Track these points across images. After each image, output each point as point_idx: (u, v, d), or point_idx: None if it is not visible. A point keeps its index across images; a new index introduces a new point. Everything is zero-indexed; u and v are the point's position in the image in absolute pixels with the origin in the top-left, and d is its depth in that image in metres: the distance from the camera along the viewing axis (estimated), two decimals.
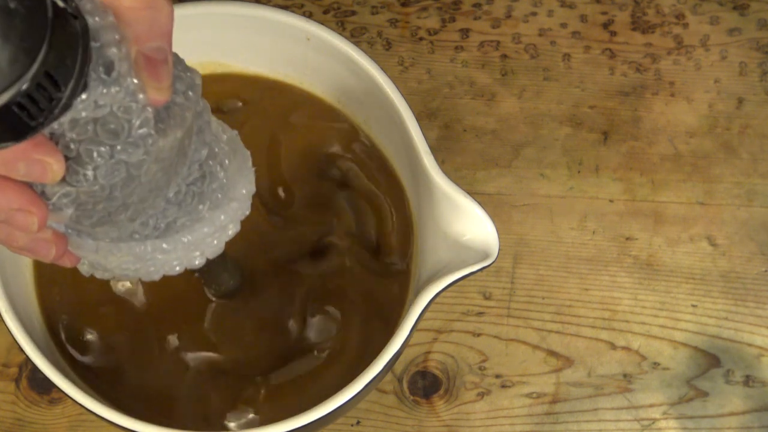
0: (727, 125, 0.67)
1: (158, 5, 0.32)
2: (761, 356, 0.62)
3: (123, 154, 0.32)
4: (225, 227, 0.40)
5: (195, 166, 0.37)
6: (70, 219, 0.34)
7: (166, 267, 0.40)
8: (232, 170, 0.39)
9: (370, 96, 0.53)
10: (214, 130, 0.38)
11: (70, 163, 0.32)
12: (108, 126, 0.31)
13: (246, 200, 0.41)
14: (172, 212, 0.37)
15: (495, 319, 0.62)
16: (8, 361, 0.60)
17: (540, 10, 0.69)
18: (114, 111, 0.31)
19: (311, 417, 0.46)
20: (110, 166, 0.32)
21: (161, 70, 0.32)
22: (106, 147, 0.32)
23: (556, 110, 0.67)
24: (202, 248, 0.40)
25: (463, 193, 0.49)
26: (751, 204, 0.65)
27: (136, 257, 0.39)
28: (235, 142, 0.40)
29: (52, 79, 0.28)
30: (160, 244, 0.39)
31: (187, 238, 0.39)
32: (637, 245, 0.64)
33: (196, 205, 0.38)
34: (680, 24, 0.69)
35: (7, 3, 0.27)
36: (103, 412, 0.46)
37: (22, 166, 0.31)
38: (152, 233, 0.38)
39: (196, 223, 0.39)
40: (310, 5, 0.68)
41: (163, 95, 0.32)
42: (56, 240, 0.37)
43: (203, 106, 0.36)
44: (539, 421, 0.60)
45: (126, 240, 0.38)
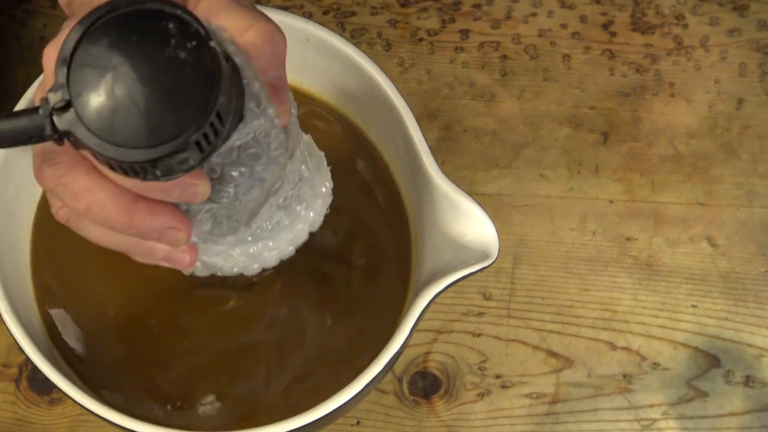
0: (727, 126, 0.67)
1: (276, 38, 0.36)
2: (761, 356, 0.62)
3: (262, 173, 0.36)
4: (314, 222, 0.45)
5: (296, 173, 0.41)
6: (207, 231, 0.38)
7: (268, 262, 0.45)
8: (313, 170, 0.44)
9: (370, 96, 0.53)
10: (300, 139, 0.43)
11: (214, 183, 0.35)
12: (250, 150, 0.35)
13: (328, 196, 0.46)
14: (278, 215, 0.42)
15: (495, 319, 0.62)
16: (8, 361, 0.60)
17: (540, 11, 0.69)
18: (256, 137, 0.34)
19: (311, 417, 0.46)
20: (249, 184, 0.36)
21: (283, 95, 0.36)
22: (247, 167, 0.35)
23: (556, 111, 0.67)
24: (296, 242, 0.45)
25: (463, 193, 0.49)
26: (751, 204, 0.65)
27: (248, 256, 0.44)
28: (310, 146, 0.44)
29: (219, 116, 0.32)
30: (268, 243, 0.44)
31: (290, 236, 0.44)
32: (637, 246, 0.64)
33: (296, 206, 0.43)
34: (680, 25, 0.69)
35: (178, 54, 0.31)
36: (103, 412, 0.46)
37: (178, 191, 0.34)
38: (262, 234, 0.43)
39: (294, 222, 0.44)
40: (310, 6, 0.68)
41: (287, 117, 0.36)
42: (190, 249, 0.40)
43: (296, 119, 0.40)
44: (539, 421, 0.60)
45: (242, 243, 0.43)
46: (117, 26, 0.31)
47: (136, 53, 0.31)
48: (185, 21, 0.31)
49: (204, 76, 0.31)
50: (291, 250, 0.46)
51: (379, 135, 0.56)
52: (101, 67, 0.31)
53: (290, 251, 0.46)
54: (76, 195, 0.34)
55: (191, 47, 0.31)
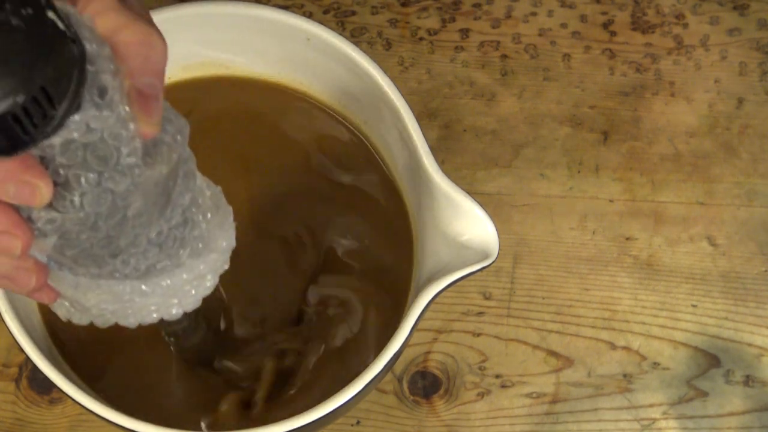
0: (727, 125, 0.67)
1: (152, 42, 0.33)
2: (761, 356, 0.62)
3: (110, 182, 0.33)
4: (203, 276, 0.40)
5: (178, 210, 0.38)
6: (53, 248, 0.34)
7: (144, 312, 0.40)
8: (214, 223, 0.40)
9: (370, 96, 0.53)
10: (199, 183, 0.39)
11: (58, 189, 0.32)
12: (98, 152, 0.32)
13: (225, 253, 0.41)
14: (152, 254, 0.38)
15: (495, 319, 0.62)
16: (8, 361, 0.60)
17: (540, 10, 0.69)
18: (104, 137, 0.32)
19: (311, 417, 0.46)
20: (97, 194, 0.33)
21: (152, 104, 0.33)
22: (94, 173, 0.32)
23: (556, 110, 0.67)
24: (179, 296, 0.40)
25: (463, 193, 0.49)
26: (751, 204, 0.65)
27: (114, 297, 0.39)
28: (218, 198, 0.41)
29: (47, 95, 0.29)
30: (139, 286, 0.39)
31: (167, 282, 0.39)
32: (637, 245, 0.64)
33: (177, 249, 0.38)
34: (680, 24, 0.69)
35: (10, 19, 0.28)
36: (103, 412, 0.46)
37: (12, 187, 0.31)
38: (132, 273, 0.38)
39: (175, 269, 0.39)
40: (310, 5, 0.68)
41: (152, 129, 0.33)
42: (37, 270, 0.36)
43: (189, 154, 0.37)
44: (539, 421, 0.60)
45: (106, 277, 0.38)
46: None
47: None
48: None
49: (33, 46, 0.28)
50: (174, 303, 0.41)
51: (379, 135, 0.56)
52: None
53: (173, 306, 0.41)
54: None
55: (26, 14, 0.29)
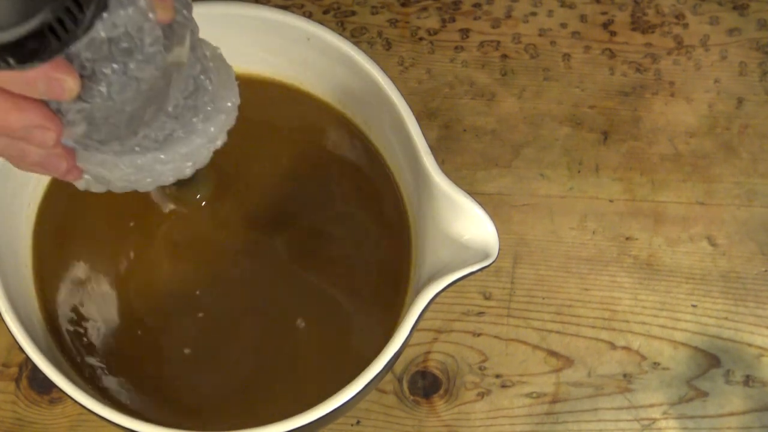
0: (727, 125, 0.67)
1: None
2: (761, 356, 0.62)
3: (135, 71, 0.34)
4: (215, 138, 0.42)
5: (190, 80, 0.39)
6: (81, 134, 0.36)
7: (162, 177, 0.42)
8: (218, 84, 0.41)
9: (370, 96, 0.53)
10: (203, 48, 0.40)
11: (84, 81, 0.34)
12: (122, 45, 0.33)
13: (232, 112, 0.43)
14: (170, 125, 0.40)
15: (495, 319, 0.62)
16: (8, 361, 0.60)
17: (540, 10, 0.69)
18: (128, 30, 0.33)
19: (311, 417, 0.46)
20: (123, 82, 0.34)
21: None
22: (119, 64, 0.34)
23: (556, 110, 0.67)
24: (194, 158, 0.43)
25: (463, 193, 0.49)
26: (751, 204, 0.65)
27: (136, 169, 0.41)
28: (218, 59, 0.42)
29: (77, 1, 0.30)
30: (159, 156, 0.41)
31: (185, 149, 0.41)
32: (637, 245, 0.64)
33: (191, 117, 0.40)
34: (680, 24, 0.69)
35: None
36: (103, 412, 0.46)
37: (42, 84, 0.33)
38: (152, 145, 0.40)
39: (190, 135, 0.41)
40: (310, 5, 0.68)
41: (168, 13, 0.34)
42: (66, 155, 0.38)
43: (195, 24, 0.38)
44: (539, 421, 0.60)
45: (129, 153, 0.40)
46: None
47: None
48: None
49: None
50: (188, 165, 0.43)
51: (379, 134, 0.56)
52: None
53: (187, 167, 0.43)
54: None
55: None
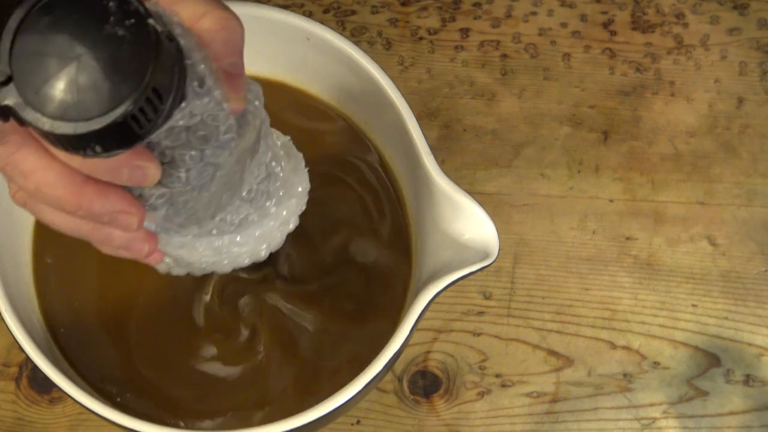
0: (727, 125, 0.67)
1: (231, 26, 0.36)
2: (761, 356, 0.62)
3: (212, 157, 0.36)
4: (287, 221, 0.45)
5: (263, 167, 0.42)
6: (162, 218, 0.39)
7: (239, 259, 0.45)
8: (289, 170, 0.44)
9: (370, 96, 0.53)
10: (274, 137, 0.43)
11: (165, 167, 0.36)
12: (199, 133, 0.35)
13: (303, 197, 0.46)
14: (244, 209, 0.42)
15: (495, 318, 0.62)
16: (8, 360, 0.60)
17: (540, 10, 0.69)
18: (205, 119, 0.35)
19: (311, 416, 0.46)
20: (200, 168, 0.36)
21: (238, 82, 0.36)
22: (197, 151, 0.36)
23: (556, 110, 0.67)
24: (268, 241, 0.45)
25: (463, 192, 0.49)
26: (751, 204, 0.65)
27: (214, 251, 0.44)
28: (288, 147, 0.45)
29: (158, 93, 0.32)
30: (235, 238, 0.43)
31: (258, 232, 0.44)
32: (637, 245, 0.64)
33: (264, 202, 0.43)
34: (680, 24, 0.69)
35: (116, 31, 0.32)
36: (103, 412, 0.46)
37: (126, 172, 0.35)
38: (228, 228, 0.42)
39: (264, 218, 0.44)
40: (310, 5, 0.68)
41: (240, 104, 0.37)
42: (149, 238, 0.40)
43: (265, 115, 0.41)
44: (539, 420, 0.60)
45: (206, 236, 0.42)
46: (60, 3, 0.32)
47: (76, 29, 0.32)
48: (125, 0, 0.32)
49: (141, 53, 0.32)
50: (263, 248, 0.45)
51: (379, 134, 0.56)
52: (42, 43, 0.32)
53: (263, 250, 0.45)
54: (26, 175, 0.35)
55: (129, 24, 0.32)
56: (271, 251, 0.46)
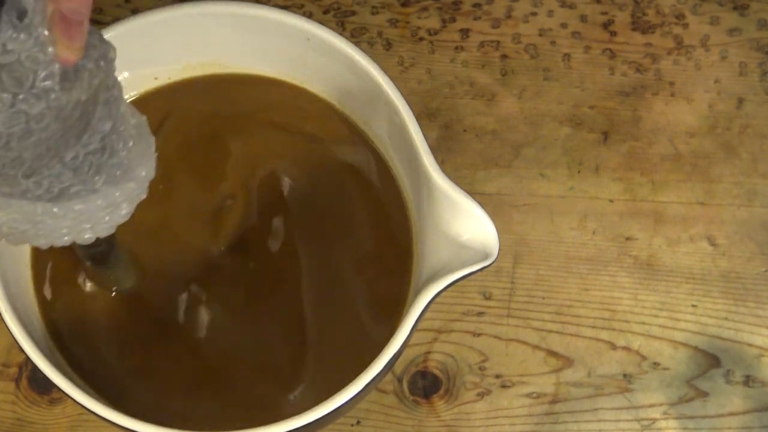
0: (727, 125, 0.67)
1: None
2: (761, 356, 0.62)
3: (24, 104, 0.33)
4: (119, 205, 0.41)
5: (97, 136, 0.38)
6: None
7: (55, 234, 0.41)
8: (135, 153, 0.40)
9: (370, 96, 0.53)
10: (123, 110, 0.39)
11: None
12: (13, 73, 0.32)
13: (143, 183, 0.42)
14: (66, 177, 0.38)
15: (495, 319, 0.62)
16: (8, 361, 0.60)
17: (540, 11, 0.69)
18: (21, 59, 0.32)
19: (311, 417, 0.46)
20: (10, 115, 0.33)
21: (74, 30, 0.33)
22: (8, 94, 0.33)
23: (556, 110, 0.67)
24: (93, 222, 0.41)
25: (463, 193, 0.49)
26: (751, 204, 0.65)
27: (25, 216, 0.39)
28: (142, 127, 0.41)
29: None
30: (50, 208, 0.39)
31: (79, 206, 0.40)
32: (637, 245, 0.64)
33: (93, 175, 0.39)
34: (680, 24, 0.69)
35: None
36: (103, 412, 0.46)
37: None
38: (45, 195, 0.38)
39: (90, 194, 0.40)
40: (310, 5, 0.68)
41: (73, 55, 0.33)
42: None
43: (115, 81, 0.37)
44: (539, 421, 0.60)
45: (18, 197, 0.38)
46: None
47: None
48: None
49: None
50: (86, 228, 0.41)
51: (379, 135, 0.56)
52: None
53: (85, 231, 0.41)
54: None
55: None
56: (98, 236, 0.42)
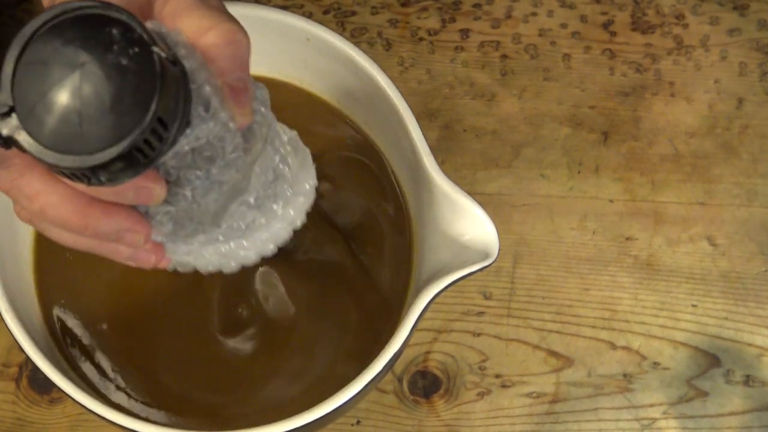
0: (727, 125, 0.67)
1: (238, 39, 0.35)
2: (761, 356, 0.62)
3: (218, 176, 0.36)
4: (294, 220, 0.44)
5: (270, 171, 0.41)
6: (168, 233, 0.38)
7: (246, 260, 0.44)
8: (296, 168, 0.43)
9: (370, 96, 0.53)
10: (281, 136, 0.42)
11: (170, 186, 0.35)
12: (205, 154, 0.35)
13: (310, 194, 0.45)
14: (251, 214, 0.41)
15: (495, 319, 0.62)
16: (8, 361, 0.60)
17: (540, 11, 0.69)
18: (210, 141, 0.34)
19: (311, 417, 0.46)
20: (206, 186, 0.36)
21: (244, 97, 0.35)
22: (202, 171, 0.35)
23: (556, 110, 0.67)
24: (275, 240, 0.44)
25: (463, 193, 0.49)
26: (751, 204, 0.65)
27: (221, 255, 0.43)
28: (295, 142, 0.44)
29: (162, 122, 0.32)
30: (242, 243, 0.43)
31: (265, 235, 0.43)
32: (637, 245, 0.64)
33: (272, 205, 0.42)
34: (680, 24, 0.69)
35: (120, 60, 0.31)
36: (103, 412, 0.46)
37: (131, 194, 0.34)
38: (235, 234, 0.42)
39: (271, 221, 0.43)
40: (310, 5, 0.68)
41: (247, 119, 0.36)
42: (155, 250, 0.40)
43: (272, 116, 0.40)
44: (539, 420, 0.60)
45: (213, 243, 0.42)
46: (62, 31, 0.31)
47: (79, 59, 0.31)
48: (129, 27, 0.31)
49: (145, 83, 0.31)
50: (271, 248, 0.45)
51: (379, 135, 0.56)
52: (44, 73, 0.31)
53: (270, 249, 0.45)
54: (30, 198, 0.35)
55: (133, 54, 0.31)
56: (278, 246, 0.45)
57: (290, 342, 0.54)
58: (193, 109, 0.33)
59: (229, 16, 0.36)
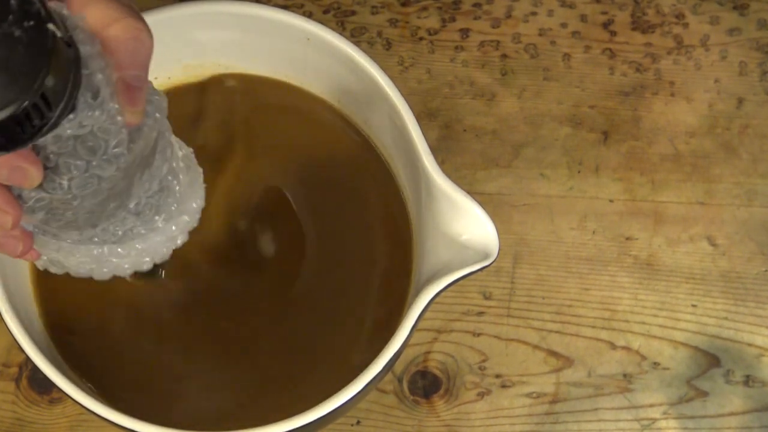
0: (727, 125, 0.67)
1: (142, 38, 0.35)
2: (761, 356, 0.62)
3: (97, 169, 0.35)
4: (175, 237, 0.44)
5: (156, 180, 0.40)
6: (40, 221, 0.38)
7: (119, 269, 0.44)
8: (185, 185, 0.43)
9: (370, 96, 0.53)
10: (175, 148, 0.42)
11: (48, 172, 0.35)
12: (87, 144, 0.34)
13: (195, 214, 0.44)
14: (130, 221, 0.41)
15: (495, 319, 0.62)
16: (8, 361, 0.60)
17: (540, 10, 0.69)
18: (94, 131, 0.34)
19: (311, 417, 0.46)
20: (84, 179, 0.35)
21: (137, 96, 0.35)
22: (82, 161, 0.35)
23: (556, 110, 0.67)
24: (152, 254, 0.44)
25: (463, 193, 0.49)
26: (751, 204, 0.65)
27: (93, 258, 0.42)
28: (189, 159, 0.43)
29: (46, 101, 0.31)
30: (116, 249, 0.42)
31: (141, 245, 0.43)
32: (637, 245, 0.64)
33: (153, 216, 0.42)
34: (680, 24, 0.69)
35: (13, 31, 0.30)
36: (103, 412, 0.46)
37: (5, 171, 0.34)
38: (110, 239, 0.41)
39: (150, 233, 0.42)
40: (310, 5, 0.68)
41: (137, 118, 0.35)
42: (24, 238, 0.40)
43: (167, 126, 0.40)
44: (539, 421, 0.60)
45: (86, 243, 0.41)
46: None
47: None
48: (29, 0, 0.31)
49: (35, 57, 0.31)
50: (146, 260, 0.44)
51: (379, 135, 0.56)
52: None
53: (145, 263, 0.44)
54: None
55: (27, 26, 0.31)
56: (156, 263, 0.45)
57: (290, 342, 0.54)
58: (81, 94, 0.33)
59: (137, 14, 0.36)
